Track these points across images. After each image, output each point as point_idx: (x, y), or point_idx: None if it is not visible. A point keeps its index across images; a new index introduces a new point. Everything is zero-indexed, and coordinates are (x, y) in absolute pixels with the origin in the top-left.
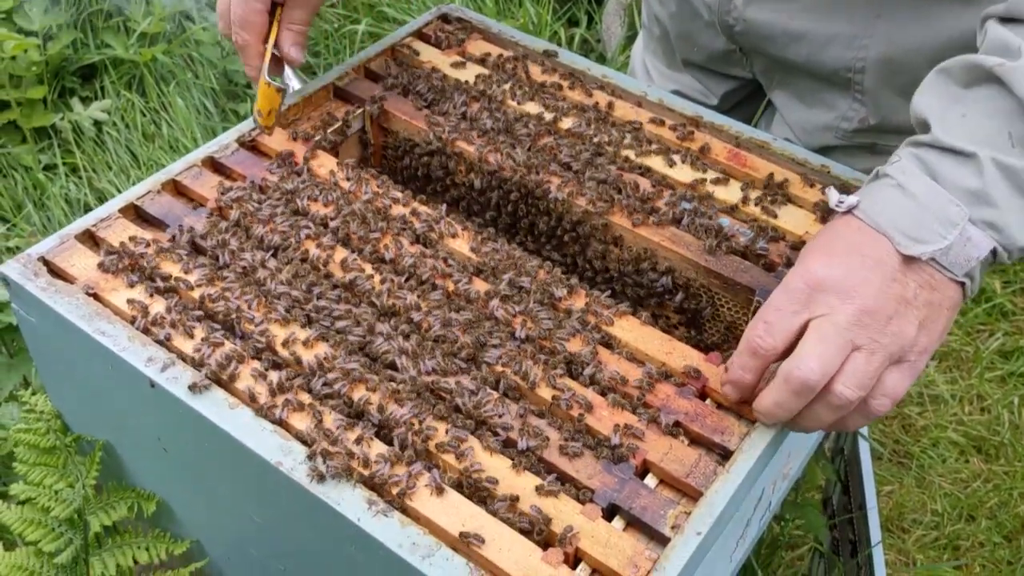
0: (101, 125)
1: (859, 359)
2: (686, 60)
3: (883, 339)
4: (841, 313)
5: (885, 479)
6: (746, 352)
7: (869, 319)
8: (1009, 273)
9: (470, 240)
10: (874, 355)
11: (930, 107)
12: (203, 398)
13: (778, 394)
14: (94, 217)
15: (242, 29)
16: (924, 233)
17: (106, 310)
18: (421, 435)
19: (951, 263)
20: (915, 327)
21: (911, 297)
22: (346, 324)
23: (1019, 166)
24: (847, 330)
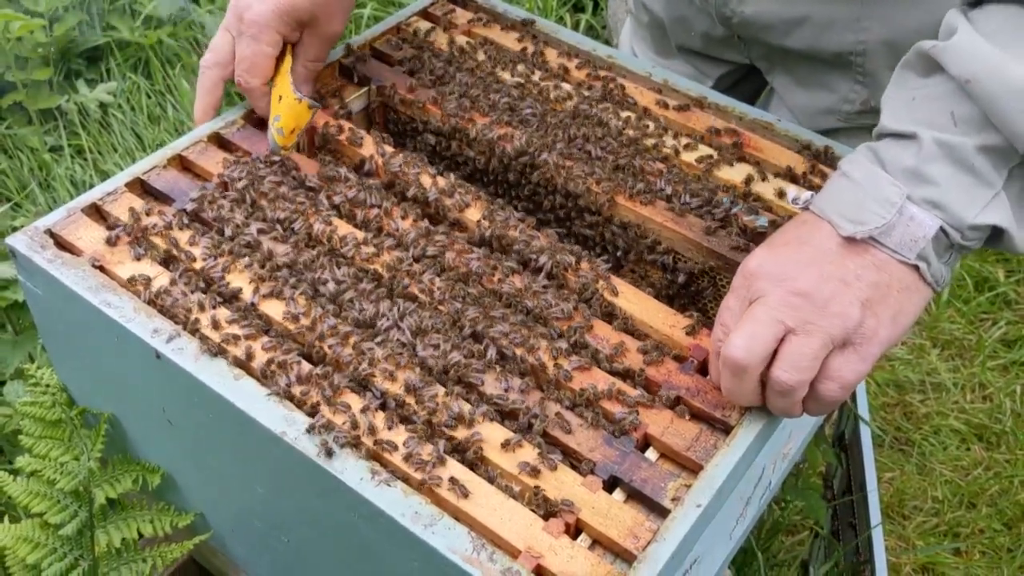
0: (107, 107)
1: (794, 342)
2: (680, 45)
3: (821, 321)
4: (772, 295)
5: (886, 466)
6: (712, 355)
7: (802, 301)
8: (1013, 262)
9: (482, 210)
10: (811, 337)
11: (887, 98)
12: (208, 369)
13: (723, 380)
14: (100, 191)
15: (248, 73)
16: (862, 214)
17: (112, 282)
18: (424, 407)
19: (898, 244)
20: (857, 308)
21: (851, 279)
22: (351, 296)
23: (960, 143)
24: (777, 310)
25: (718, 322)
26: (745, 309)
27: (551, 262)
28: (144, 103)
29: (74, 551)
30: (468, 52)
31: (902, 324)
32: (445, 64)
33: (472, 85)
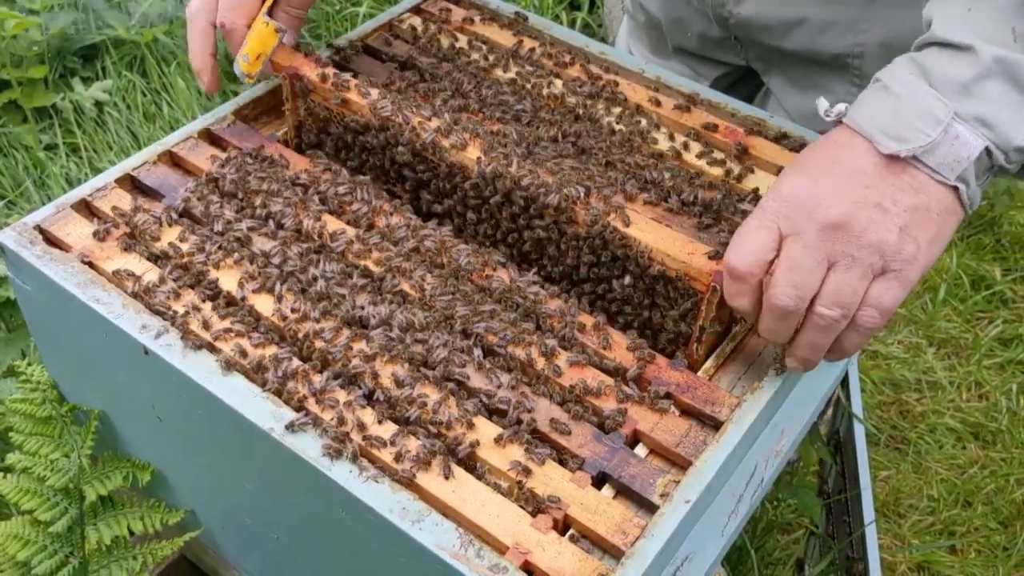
0: (102, 105)
1: (834, 277)
2: (677, 46)
3: (859, 252)
4: (809, 232)
5: (882, 464)
6: (729, 278)
7: (840, 233)
8: (1010, 261)
9: (480, 147)
10: (850, 270)
11: (935, 7)
12: (196, 365)
13: (766, 322)
14: (90, 187)
15: (233, 12)
16: (904, 131)
17: (101, 278)
18: (413, 403)
19: (939, 164)
20: (895, 235)
21: (889, 203)
22: (341, 292)
23: (1018, 61)
24: (817, 249)
25: (735, 242)
26: (772, 234)
27: (559, 197)
28: (139, 101)
29: (64, 548)
30: (462, 49)
31: (938, 248)
32: (437, 61)
33: (464, 82)
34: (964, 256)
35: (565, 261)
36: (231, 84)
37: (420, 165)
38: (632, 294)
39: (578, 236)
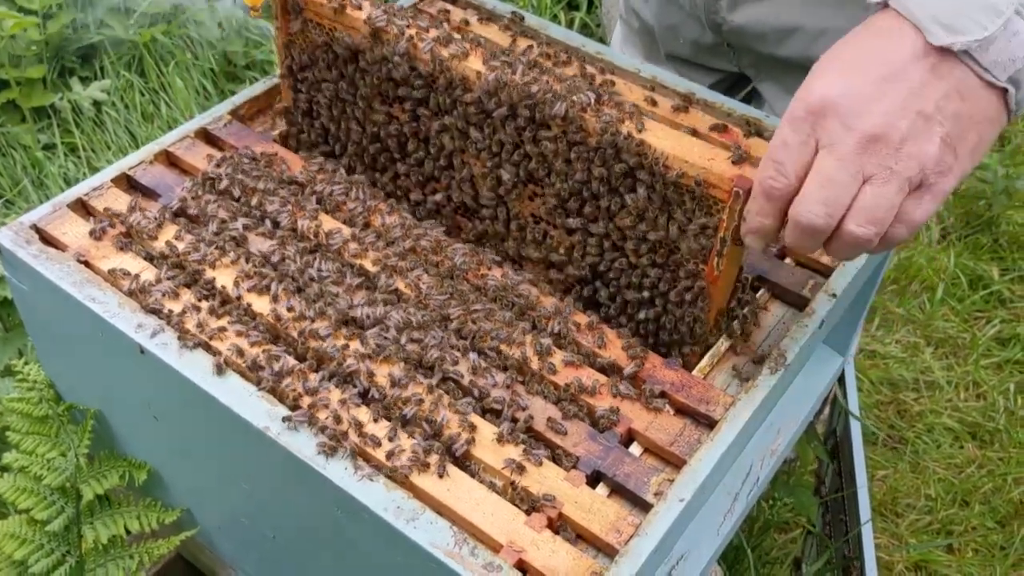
0: (100, 105)
1: (869, 193)
2: (669, 53)
3: (896, 165)
4: (845, 143)
5: (880, 464)
6: (760, 197)
7: (878, 145)
8: (1007, 261)
9: (482, 57)
10: (887, 184)
11: None
12: (191, 364)
13: (792, 237)
14: (87, 186)
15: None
16: (961, 21)
17: (97, 277)
18: (408, 402)
19: (991, 62)
20: (936, 146)
21: (932, 110)
22: (337, 292)
23: None
24: (852, 162)
25: (770, 158)
26: (807, 151)
27: (565, 104)
28: (138, 101)
29: (61, 547)
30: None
31: (978, 156)
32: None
33: None
34: (962, 256)
35: (574, 176)
36: (229, 84)
37: (417, 80)
38: (647, 208)
39: (588, 146)
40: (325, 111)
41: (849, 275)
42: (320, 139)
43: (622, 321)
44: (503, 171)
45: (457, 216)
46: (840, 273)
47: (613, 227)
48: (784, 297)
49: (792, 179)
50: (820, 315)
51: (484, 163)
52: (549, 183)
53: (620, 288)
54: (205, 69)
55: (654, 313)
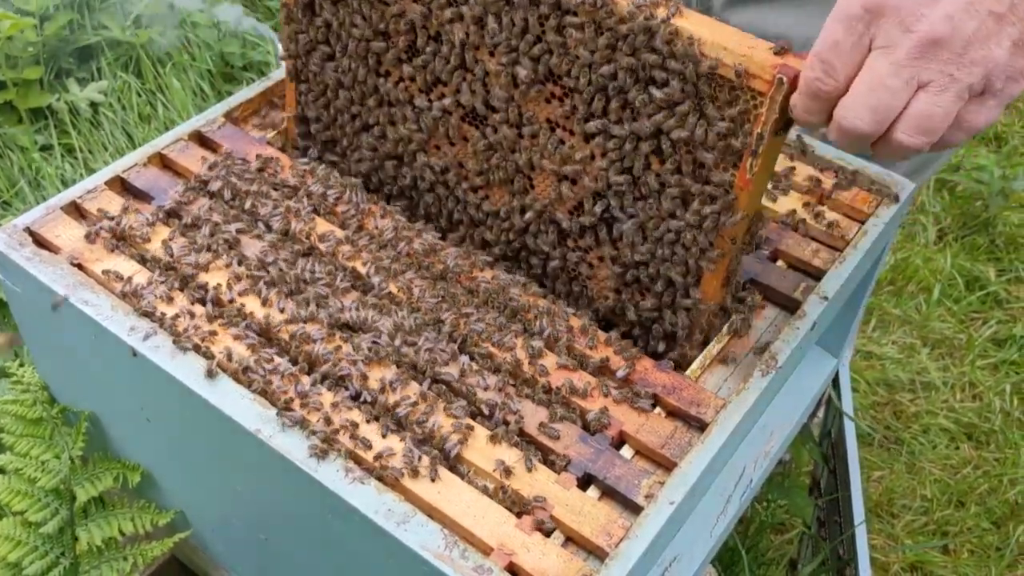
0: (97, 106)
1: (923, 100)
2: None
3: (958, 71)
4: (901, 47)
5: (876, 465)
6: (806, 95)
7: (939, 49)
8: (1004, 261)
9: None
10: (944, 92)
11: None
12: (184, 366)
13: (836, 137)
14: (80, 189)
15: None
16: None
17: (90, 279)
18: (400, 405)
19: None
20: (1006, 51)
21: (1004, 10)
22: (329, 294)
23: None
24: (908, 68)
25: (816, 56)
26: (859, 52)
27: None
28: (135, 102)
29: (55, 549)
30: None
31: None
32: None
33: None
34: (959, 257)
35: (599, 70)
36: (226, 84)
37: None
38: (678, 103)
39: (618, 33)
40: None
41: (841, 278)
42: (321, 39)
43: (627, 262)
44: (520, 67)
45: (464, 125)
46: (832, 276)
47: (638, 128)
48: (776, 300)
49: (841, 81)
50: (811, 318)
51: (499, 58)
52: (571, 79)
53: (635, 208)
54: (202, 70)
55: (662, 253)
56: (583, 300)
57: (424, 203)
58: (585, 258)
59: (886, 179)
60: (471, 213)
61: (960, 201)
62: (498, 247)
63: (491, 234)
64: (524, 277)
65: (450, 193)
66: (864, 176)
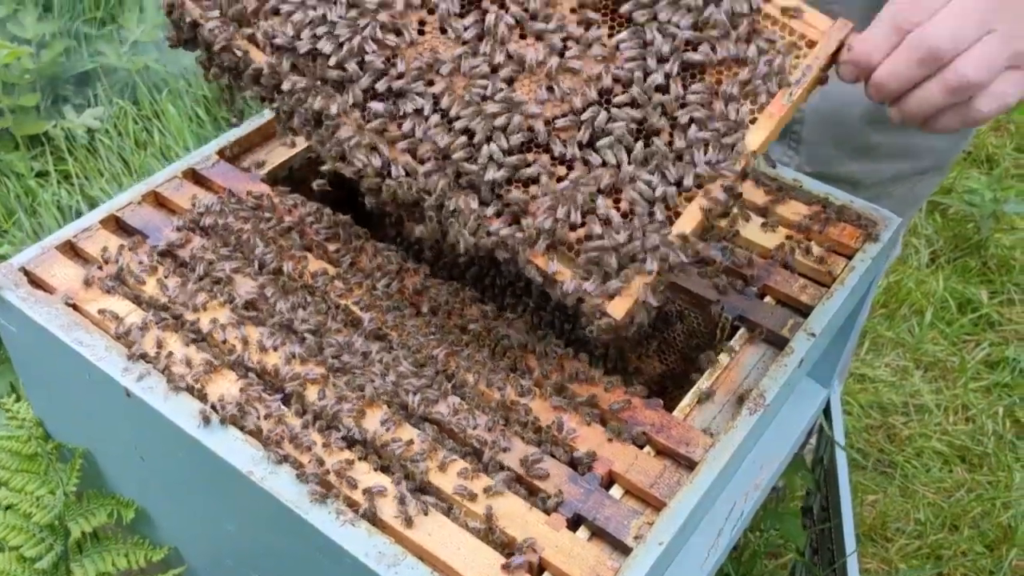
0: (93, 132)
1: (992, 42)
2: None
3: (1019, 30)
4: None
5: (869, 488)
6: (886, 28)
7: (1014, 6)
8: (996, 283)
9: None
10: (1007, 44)
11: None
12: (177, 408)
13: (899, 61)
14: (75, 228)
15: None
16: None
17: (85, 320)
18: (391, 445)
19: None
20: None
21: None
22: (322, 334)
23: None
24: (991, 10)
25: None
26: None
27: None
28: (131, 128)
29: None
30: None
31: None
32: None
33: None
34: (951, 279)
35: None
36: (222, 111)
37: None
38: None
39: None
40: None
41: (828, 314)
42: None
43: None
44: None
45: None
46: (819, 312)
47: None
48: (764, 337)
49: (926, 17)
50: (799, 354)
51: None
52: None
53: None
54: (198, 96)
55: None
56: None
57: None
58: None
59: (873, 214)
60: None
61: (952, 223)
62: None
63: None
64: (513, 314)
65: None
66: (851, 211)
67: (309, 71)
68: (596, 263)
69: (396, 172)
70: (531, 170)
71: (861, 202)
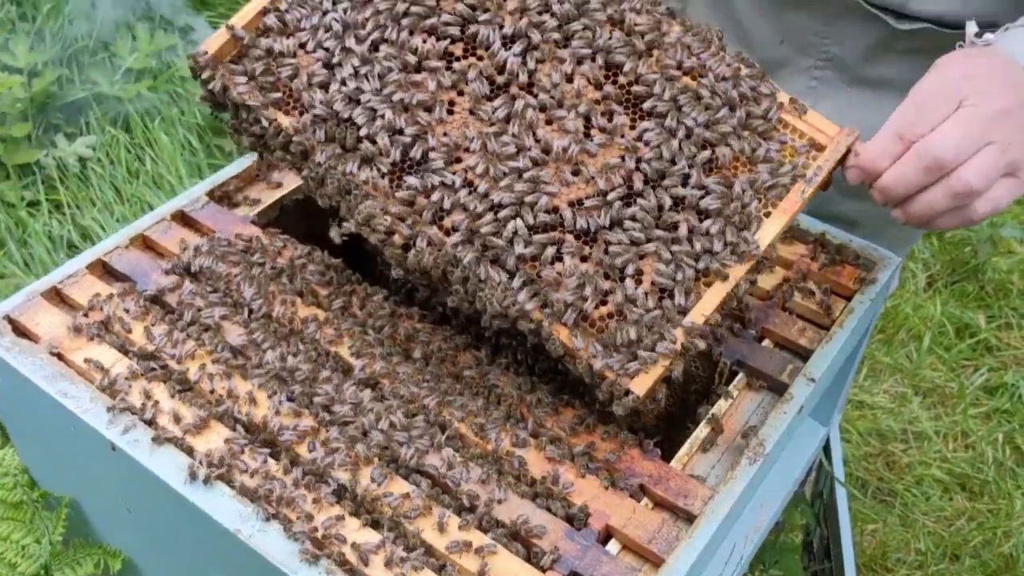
0: (85, 161)
1: (991, 153)
2: None
3: (1015, 141)
4: (989, 107)
5: (869, 518)
6: (891, 137)
7: (1010, 121)
8: (994, 308)
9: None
10: (1005, 153)
11: None
12: (163, 462)
13: (906, 168)
14: (61, 273)
15: None
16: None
17: (70, 370)
18: (382, 500)
19: None
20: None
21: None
22: (310, 382)
23: None
24: (989, 123)
25: (911, 105)
26: (951, 106)
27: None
28: (123, 157)
29: None
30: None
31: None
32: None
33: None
34: (948, 304)
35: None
36: (215, 138)
37: None
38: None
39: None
40: None
41: (828, 357)
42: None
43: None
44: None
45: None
46: (819, 356)
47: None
48: (763, 382)
49: (928, 128)
50: (799, 401)
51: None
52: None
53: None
54: (191, 124)
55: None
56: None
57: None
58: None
59: (872, 254)
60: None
61: (949, 248)
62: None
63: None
64: (507, 359)
65: None
66: (849, 250)
67: (339, 140)
68: (620, 343)
69: (420, 244)
70: (555, 249)
71: (859, 241)
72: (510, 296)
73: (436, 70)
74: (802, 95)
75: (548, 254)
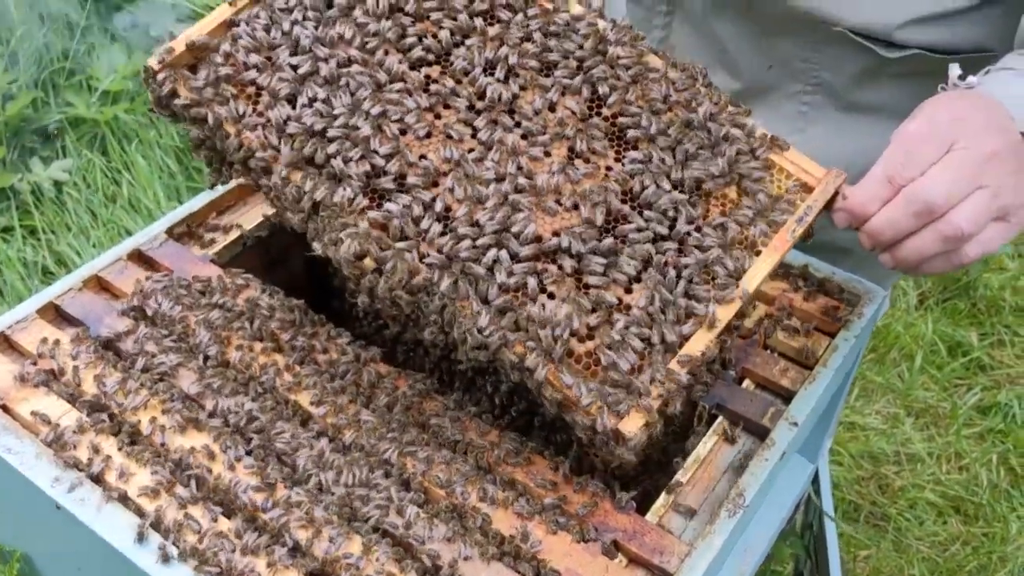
0: (61, 185)
1: (983, 196)
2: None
3: (1005, 185)
4: (979, 150)
5: (862, 543)
6: (880, 181)
7: (1000, 164)
8: (986, 325)
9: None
10: (995, 198)
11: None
12: (111, 523)
13: (896, 212)
14: (9, 319)
15: None
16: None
17: (15, 423)
18: (339, 562)
19: None
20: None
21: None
22: (267, 433)
23: None
24: (980, 166)
25: (901, 149)
26: (942, 151)
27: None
28: (100, 180)
29: None
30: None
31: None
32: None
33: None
34: (940, 322)
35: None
36: (194, 161)
37: None
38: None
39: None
40: None
41: (812, 399)
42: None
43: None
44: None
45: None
46: (802, 398)
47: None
48: (743, 426)
49: (916, 173)
50: (780, 447)
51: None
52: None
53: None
54: (168, 147)
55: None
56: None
57: None
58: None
59: (857, 287)
60: None
61: None
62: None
63: None
64: (476, 407)
65: None
66: (833, 284)
67: (307, 157)
68: (609, 379)
69: (391, 266)
70: (537, 280)
71: (843, 274)
72: (492, 326)
73: (413, 91)
74: (793, 120)
75: (532, 284)
